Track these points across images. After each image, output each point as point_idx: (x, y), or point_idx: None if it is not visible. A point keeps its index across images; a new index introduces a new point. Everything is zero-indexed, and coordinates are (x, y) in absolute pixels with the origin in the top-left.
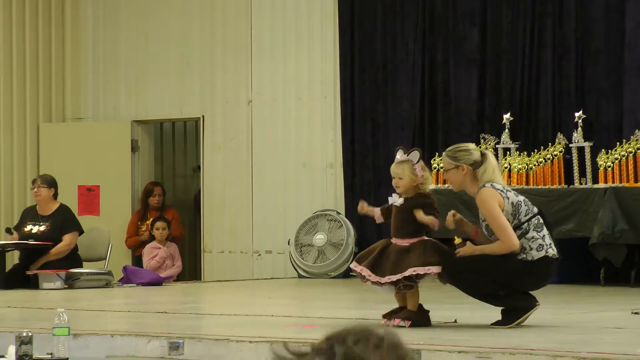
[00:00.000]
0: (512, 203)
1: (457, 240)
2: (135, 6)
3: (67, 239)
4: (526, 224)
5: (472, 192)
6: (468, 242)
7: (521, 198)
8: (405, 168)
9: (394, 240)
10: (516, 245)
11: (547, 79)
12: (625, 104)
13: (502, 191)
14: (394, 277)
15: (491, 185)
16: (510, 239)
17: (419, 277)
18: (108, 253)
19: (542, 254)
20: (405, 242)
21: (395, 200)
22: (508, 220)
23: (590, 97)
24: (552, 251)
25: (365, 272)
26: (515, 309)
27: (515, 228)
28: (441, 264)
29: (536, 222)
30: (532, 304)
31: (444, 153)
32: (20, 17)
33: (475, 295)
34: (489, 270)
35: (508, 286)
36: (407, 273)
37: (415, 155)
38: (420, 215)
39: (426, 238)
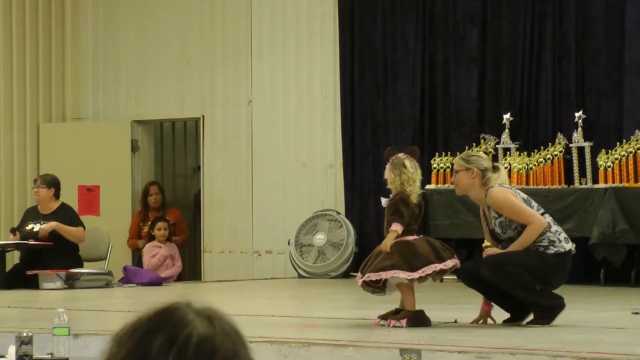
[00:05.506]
0: (523, 198)
1: (486, 243)
2: (135, 6)
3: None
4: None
5: (476, 197)
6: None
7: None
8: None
9: None
10: (545, 223)
11: (547, 79)
12: (625, 104)
13: (510, 188)
14: (360, 281)
15: (499, 185)
16: (538, 218)
17: (375, 281)
18: (108, 253)
19: (570, 245)
20: None
21: (383, 202)
22: None
23: (590, 97)
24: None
25: (358, 274)
26: (551, 307)
27: None
28: (400, 268)
29: (550, 217)
30: (563, 302)
31: (457, 157)
32: (21, 17)
33: (513, 289)
34: (532, 264)
35: (545, 282)
36: (364, 277)
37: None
38: (382, 246)
39: (404, 240)
